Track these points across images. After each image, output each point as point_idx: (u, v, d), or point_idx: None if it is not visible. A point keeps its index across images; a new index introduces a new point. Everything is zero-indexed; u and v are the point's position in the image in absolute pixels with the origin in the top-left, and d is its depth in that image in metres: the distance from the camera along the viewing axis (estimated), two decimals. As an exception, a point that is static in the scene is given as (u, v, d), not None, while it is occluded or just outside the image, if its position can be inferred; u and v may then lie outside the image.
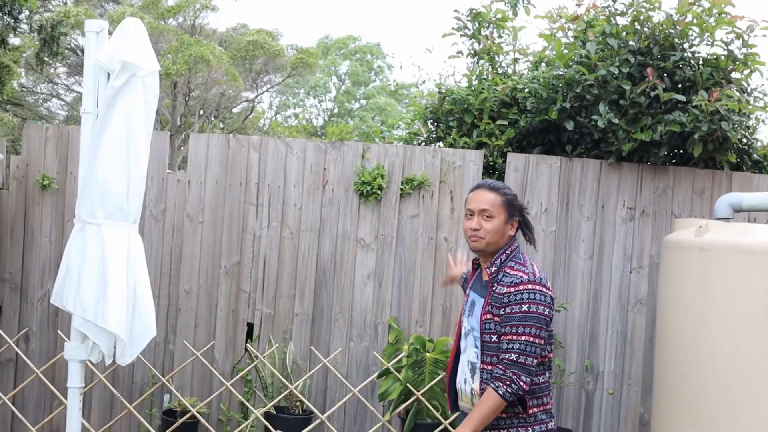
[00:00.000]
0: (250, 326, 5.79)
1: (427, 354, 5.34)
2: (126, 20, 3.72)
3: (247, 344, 5.71)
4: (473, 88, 6.50)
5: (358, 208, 5.81)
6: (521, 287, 3.12)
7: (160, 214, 5.76)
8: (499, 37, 6.97)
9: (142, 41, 3.69)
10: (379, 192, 5.74)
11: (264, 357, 5.53)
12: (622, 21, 5.90)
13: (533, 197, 5.81)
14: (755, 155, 6.18)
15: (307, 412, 5.53)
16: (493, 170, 6.07)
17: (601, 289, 5.85)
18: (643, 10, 5.75)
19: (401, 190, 5.76)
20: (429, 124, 6.80)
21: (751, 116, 5.96)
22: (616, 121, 5.57)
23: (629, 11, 5.83)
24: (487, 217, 3.23)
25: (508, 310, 3.12)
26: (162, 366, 5.73)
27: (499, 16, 6.88)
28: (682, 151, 6.01)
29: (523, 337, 3.07)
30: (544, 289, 3.14)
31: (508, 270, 3.20)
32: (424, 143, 6.84)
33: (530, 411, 3.16)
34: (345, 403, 5.66)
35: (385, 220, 5.80)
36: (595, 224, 5.84)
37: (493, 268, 3.24)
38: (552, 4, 7.77)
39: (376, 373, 5.53)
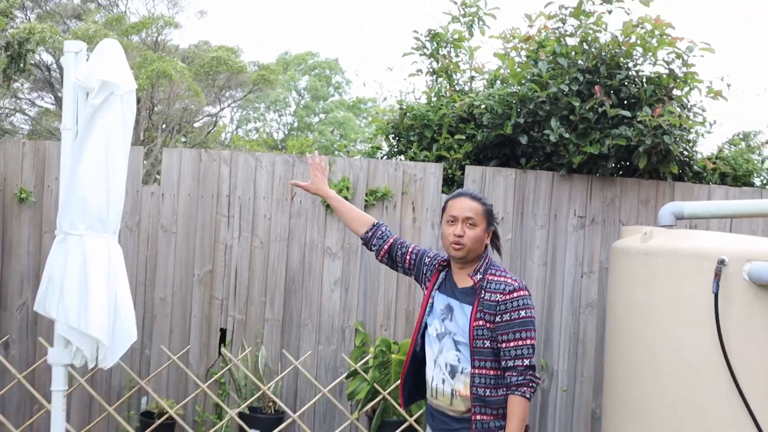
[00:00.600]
0: (223, 332, 6.01)
1: (393, 355, 5.58)
2: (104, 41, 3.85)
3: (221, 348, 5.94)
4: (432, 105, 6.76)
5: (325, 219, 6.07)
6: (515, 294, 3.28)
7: (135, 225, 5.97)
8: (457, 56, 7.25)
9: (120, 61, 3.83)
10: (345, 203, 5.99)
11: (237, 360, 5.75)
12: (571, 41, 6.19)
13: (490, 207, 6.10)
14: (695, 167, 6.52)
15: (279, 412, 5.75)
16: (452, 182, 6.35)
17: (555, 293, 6.17)
18: (591, 31, 6.04)
19: (366, 201, 6.02)
20: (391, 138, 7.05)
21: (691, 130, 6.26)
22: (567, 135, 5.84)
23: (578, 32, 6.12)
24: (470, 225, 3.34)
25: (506, 317, 3.26)
26: (139, 370, 5.93)
27: (456, 36, 7.17)
28: (628, 163, 6.31)
29: (528, 341, 3.26)
30: (529, 295, 3.35)
31: (491, 277, 3.35)
32: (386, 157, 7.10)
33: None
34: (315, 403, 5.91)
35: (351, 229, 6.06)
36: (548, 232, 6.17)
37: (478, 276, 3.37)
38: (505, 25, 8.09)
39: (345, 374, 5.77)
